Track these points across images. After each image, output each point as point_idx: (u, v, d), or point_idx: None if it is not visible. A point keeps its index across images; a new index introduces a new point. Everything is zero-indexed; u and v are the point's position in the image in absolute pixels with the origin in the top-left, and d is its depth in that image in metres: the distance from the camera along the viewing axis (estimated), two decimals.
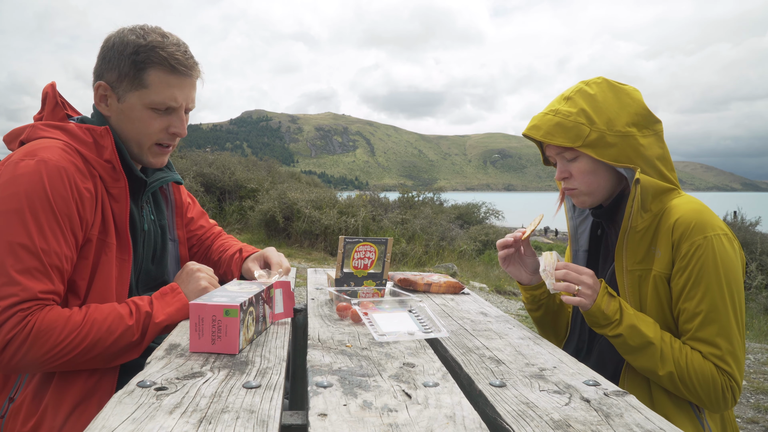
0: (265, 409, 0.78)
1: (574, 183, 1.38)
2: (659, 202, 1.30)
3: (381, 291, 1.51)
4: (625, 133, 1.30)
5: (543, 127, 1.35)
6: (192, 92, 1.37)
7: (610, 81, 1.37)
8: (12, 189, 1.11)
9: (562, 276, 1.29)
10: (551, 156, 1.42)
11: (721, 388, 1.20)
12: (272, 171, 16.36)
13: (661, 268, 1.28)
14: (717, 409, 1.24)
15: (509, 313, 6.17)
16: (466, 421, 0.76)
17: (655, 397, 1.28)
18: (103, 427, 0.70)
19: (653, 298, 1.29)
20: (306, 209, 11.10)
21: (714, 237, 1.23)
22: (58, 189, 1.14)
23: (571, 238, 1.57)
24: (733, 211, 10.33)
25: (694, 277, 1.22)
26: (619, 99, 1.33)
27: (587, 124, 1.30)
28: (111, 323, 1.14)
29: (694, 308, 1.22)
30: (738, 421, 3.29)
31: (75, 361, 1.12)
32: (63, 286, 1.16)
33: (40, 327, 1.07)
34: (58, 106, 1.33)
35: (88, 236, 1.21)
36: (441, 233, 11.89)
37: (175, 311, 1.24)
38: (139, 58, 1.27)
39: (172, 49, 1.29)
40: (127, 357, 1.19)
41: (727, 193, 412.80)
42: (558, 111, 1.34)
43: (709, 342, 1.21)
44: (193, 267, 1.35)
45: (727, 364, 1.20)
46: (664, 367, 1.22)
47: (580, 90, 1.35)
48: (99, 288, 1.22)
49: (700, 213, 1.25)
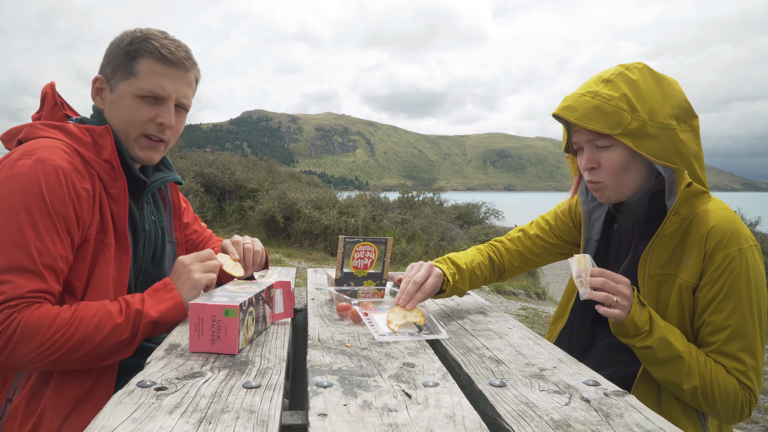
0: (265, 409, 0.78)
1: (601, 175, 1.27)
2: (689, 205, 1.23)
3: (381, 291, 1.51)
4: (666, 125, 1.19)
5: (579, 109, 1.22)
6: (184, 87, 1.35)
7: (651, 68, 1.27)
8: (8, 188, 1.11)
9: (599, 285, 1.17)
10: (578, 142, 1.30)
11: (741, 404, 1.17)
12: (272, 171, 16.37)
13: (689, 277, 1.22)
14: (731, 421, 1.21)
15: (509, 313, 6.17)
16: (466, 421, 0.76)
17: (663, 401, 1.25)
18: (103, 427, 0.70)
19: (675, 306, 1.24)
20: (306, 209, 11.10)
21: (747, 249, 1.18)
22: (55, 189, 1.13)
23: (585, 224, 1.49)
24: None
25: (726, 290, 1.18)
26: (661, 88, 1.23)
27: (629, 111, 1.19)
28: (99, 321, 1.12)
29: (722, 322, 1.18)
30: None
31: (64, 360, 1.10)
32: (58, 286, 1.15)
33: (26, 324, 1.05)
34: (57, 106, 1.33)
35: (85, 236, 1.20)
36: (441, 233, 11.89)
37: (168, 309, 1.20)
38: (132, 48, 1.29)
39: (165, 42, 1.31)
40: (119, 356, 1.17)
41: (727, 193, 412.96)
42: (597, 93, 1.22)
43: (734, 357, 1.18)
44: (185, 260, 1.30)
45: (750, 379, 1.17)
46: (690, 381, 1.17)
47: (621, 74, 1.24)
48: (96, 288, 1.21)
49: (733, 222, 1.20)
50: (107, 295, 1.22)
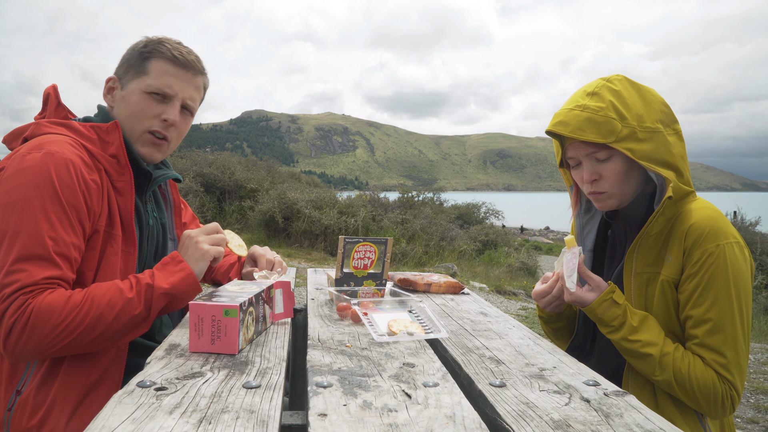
0: (265, 409, 0.78)
1: (605, 185, 1.32)
2: (674, 206, 1.27)
3: (381, 291, 1.51)
4: (654, 129, 1.25)
5: (571, 123, 1.27)
6: (191, 90, 1.39)
7: (629, 78, 1.32)
8: (19, 180, 1.13)
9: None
10: (576, 156, 1.34)
11: (722, 397, 1.19)
12: (272, 171, 16.37)
13: (670, 273, 1.27)
14: (715, 415, 1.24)
15: (509, 313, 6.17)
16: (466, 421, 0.76)
17: (660, 400, 1.28)
18: (103, 427, 0.70)
19: (660, 302, 1.28)
20: (306, 209, 11.11)
21: (726, 245, 1.21)
22: (65, 180, 1.15)
23: (577, 237, 1.54)
24: (733, 211, 10.33)
25: (704, 284, 1.21)
26: (642, 96, 1.29)
27: (618, 119, 1.24)
28: (111, 298, 1.13)
29: (702, 315, 1.21)
30: (738, 421, 3.29)
31: (80, 342, 1.10)
32: (72, 274, 1.16)
33: (39, 309, 1.07)
34: (60, 106, 1.36)
35: (95, 227, 1.22)
36: (441, 233, 11.89)
37: (179, 281, 1.20)
38: (146, 50, 1.35)
39: (178, 46, 1.37)
40: (135, 333, 1.18)
41: (727, 193, 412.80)
42: (586, 106, 1.27)
43: (714, 350, 1.21)
44: (191, 233, 1.31)
45: (730, 373, 1.20)
46: (662, 373, 1.22)
47: (604, 86, 1.29)
48: (104, 279, 1.22)
49: (714, 220, 1.23)
50: None
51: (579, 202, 1.53)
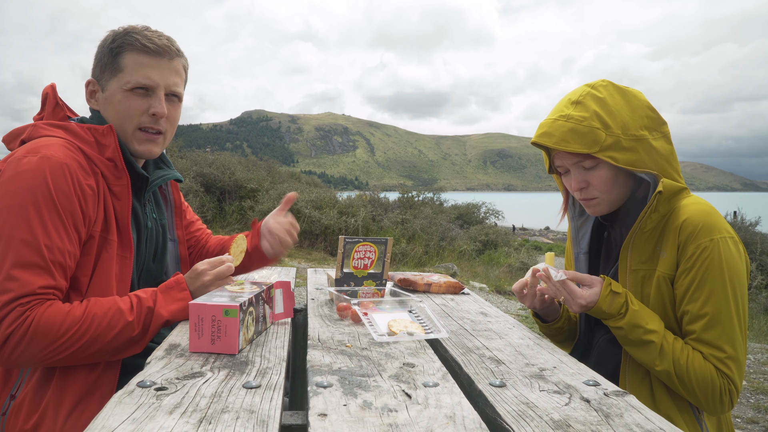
0: (265, 409, 0.78)
1: (594, 192, 1.33)
2: (667, 203, 1.28)
3: (381, 291, 1.51)
4: (639, 137, 1.26)
5: (556, 134, 1.28)
6: (171, 75, 1.35)
7: (615, 83, 1.33)
8: (15, 185, 1.12)
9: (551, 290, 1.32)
10: (563, 165, 1.35)
11: (720, 391, 1.20)
12: (272, 171, 16.36)
13: (665, 269, 1.27)
14: (714, 411, 1.24)
15: (509, 313, 6.17)
16: (466, 421, 0.76)
17: (657, 398, 1.28)
18: (103, 427, 0.70)
19: (656, 298, 1.29)
20: (306, 209, 11.10)
21: (720, 240, 1.22)
22: (61, 185, 1.15)
23: (573, 240, 1.54)
24: (733, 211, 10.33)
25: (698, 279, 1.22)
26: (628, 102, 1.29)
27: (602, 129, 1.25)
28: (111, 318, 1.14)
29: (698, 310, 1.22)
30: (738, 421, 3.29)
31: (76, 356, 1.12)
32: (65, 282, 1.16)
33: (39, 322, 1.07)
34: (58, 107, 1.34)
35: (90, 233, 1.22)
36: (441, 233, 11.89)
37: (179, 310, 1.23)
38: (114, 45, 1.31)
39: (147, 33, 1.32)
40: (130, 351, 1.19)
41: (727, 193, 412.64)
42: (570, 116, 1.27)
43: (712, 345, 1.21)
44: (200, 267, 1.31)
45: (728, 367, 1.20)
46: (663, 363, 1.22)
47: (589, 93, 1.30)
48: (99, 285, 1.22)
49: (707, 215, 1.24)
50: (109, 291, 1.23)
51: (573, 205, 1.54)
